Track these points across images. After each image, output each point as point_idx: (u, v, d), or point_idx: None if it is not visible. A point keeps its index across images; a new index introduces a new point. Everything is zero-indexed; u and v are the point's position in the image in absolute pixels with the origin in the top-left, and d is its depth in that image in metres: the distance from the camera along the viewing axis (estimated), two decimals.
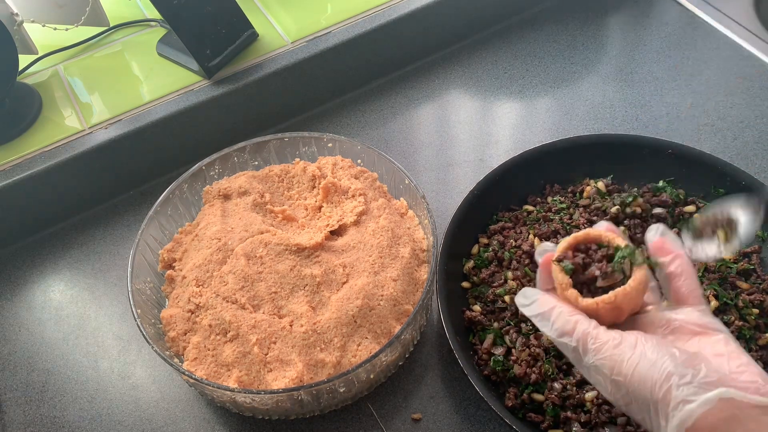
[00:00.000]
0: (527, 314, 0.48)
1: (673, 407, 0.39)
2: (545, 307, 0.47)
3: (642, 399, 0.41)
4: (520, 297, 0.49)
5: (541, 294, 0.48)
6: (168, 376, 0.73)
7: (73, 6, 0.93)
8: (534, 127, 0.91)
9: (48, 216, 0.87)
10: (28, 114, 0.88)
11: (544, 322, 0.47)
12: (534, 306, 0.48)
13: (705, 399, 0.39)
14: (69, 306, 0.80)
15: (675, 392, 0.39)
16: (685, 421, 0.39)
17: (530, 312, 0.48)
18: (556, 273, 0.48)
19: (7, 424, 0.71)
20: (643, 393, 0.41)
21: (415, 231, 0.75)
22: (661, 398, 0.40)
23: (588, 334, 0.44)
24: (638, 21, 1.01)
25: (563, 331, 0.45)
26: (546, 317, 0.46)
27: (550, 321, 0.46)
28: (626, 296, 0.45)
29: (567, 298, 0.47)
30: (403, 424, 0.67)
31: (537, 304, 0.48)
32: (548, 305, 0.47)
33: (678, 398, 0.39)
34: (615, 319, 0.46)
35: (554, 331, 0.46)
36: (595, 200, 0.75)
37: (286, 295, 0.68)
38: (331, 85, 0.96)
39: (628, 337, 0.43)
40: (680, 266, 0.47)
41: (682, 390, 0.39)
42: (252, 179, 0.78)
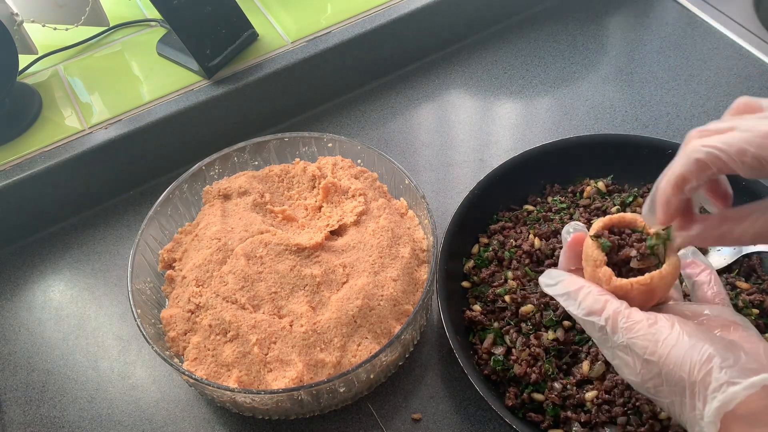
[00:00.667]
0: (552, 293, 0.47)
1: (714, 389, 0.38)
2: (572, 287, 0.46)
3: (676, 381, 0.40)
4: (544, 278, 0.48)
5: (568, 274, 0.48)
6: (168, 376, 0.73)
7: (73, 6, 0.93)
8: (534, 127, 0.91)
9: (48, 216, 0.87)
10: (28, 114, 0.88)
11: (570, 302, 0.46)
12: (560, 286, 0.47)
13: (751, 382, 0.38)
14: (69, 306, 0.80)
15: (717, 374, 0.38)
16: (727, 403, 0.38)
17: (556, 291, 0.47)
18: (592, 249, 0.47)
19: (7, 424, 0.71)
20: (679, 374, 0.40)
21: (415, 231, 0.75)
22: (700, 380, 0.39)
23: (619, 312, 0.43)
24: (638, 21, 1.02)
25: (592, 310, 0.44)
26: (573, 296, 0.46)
27: (578, 300, 0.45)
28: (662, 280, 0.45)
29: (598, 276, 0.46)
30: (403, 424, 0.67)
31: (563, 283, 0.47)
32: (576, 285, 0.46)
33: (721, 380, 0.38)
34: (643, 303, 0.46)
35: (582, 309, 0.45)
36: (595, 200, 0.75)
37: (286, 295, 0.68)
38: (331, 85, 0.96)
39: (663, 319, 0.42)
40: (709, 275, 0.48)
41: (726, 372, 0.38)
42: (252, 179, 0.78)
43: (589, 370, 0.62)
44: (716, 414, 0.38)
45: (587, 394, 0.61)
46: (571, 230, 0.51)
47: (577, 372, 0.63)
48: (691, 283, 0.49)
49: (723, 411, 0.38)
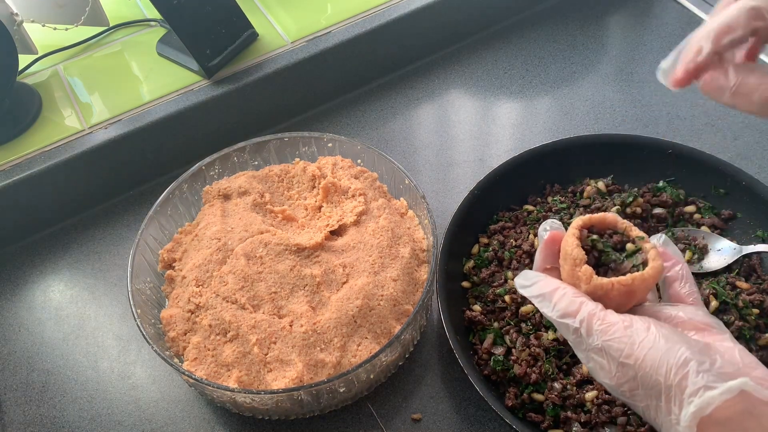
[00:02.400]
0: (527, 295, 0.47)
1: (691, 393, 0.38)
2: (547, 288, 0.45)
3: (652, 384, 0.39)
4: (519, 279, 0.48)
5: (543, 276, 0.47)
6: (168, 376, 0.73)
7: (73, 6, 0.93)
8: (534, 127, 0.91)
9: (48, 216, 0.87)
10: (28, 114, 0.88)
11: (545, 303, 0.45)
12: (535, 287, 0.46)
13: (728, 387, 0.37)
14: (69, 306, 0.80)
15: (694, 378, 0.38)
16: (704, 408, 0.37)
17: (531, 293, 0.46)
18: (572, 248, 0.46)
19: (7, 424, 0.71)
20: (655, 377, 0.39)
21: (415, 231, 0.75)
22: (676, 383, 0.38)
23: (594, 315, 0.42)
24: (638, 21, 1.01)
25: (566, 312, 0.44)
26: (548, 298, 0.45)
27: (552, 302, 0.45)
28: (643, 282, 0.44)
29: (577, 275, 0.45)
30: (403, 424, 0.67)
31: (538, 285, 0.46)
32: (551, 286, 0.45)
33: (698, 384, 0.37)
34: (621, 305, 0.45)
35: (556, 311, 0.44)
36: (595, 200, 0.75)
37: (286, 295, 0.68)
38: (331, 85, 0.96)
39: (639, 321, 0.42)
40: (681, 270, 0.47)
41: (702, 377, 0.38)
42: (252, 179, 0.78)
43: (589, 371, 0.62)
44: (693, 419, 0.37)
45: (587, 394, 0.61)
46: (548, 228, 0.50)
47: (577, 372, 0.63)
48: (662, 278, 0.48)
49: (699, 416, 0.37)
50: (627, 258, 0.46)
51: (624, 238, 0.48)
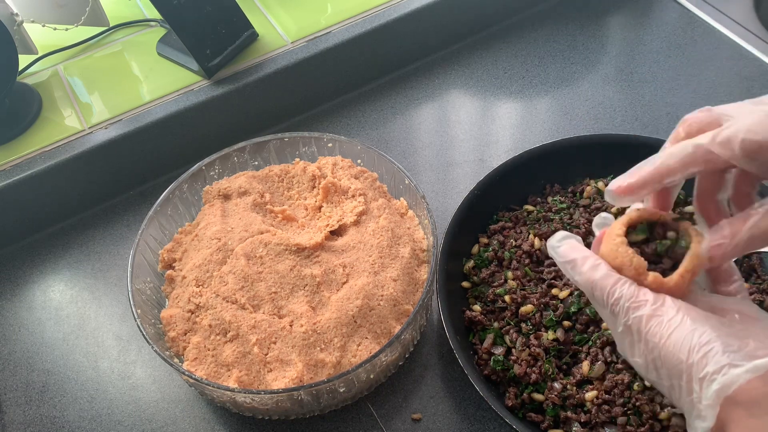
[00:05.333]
0: (559, 259, 0.45)
1: (714, 371, 0.37)
2: (579, 254, 0.44)
3: (674, 363, 0.39)
4: (555, 240, 0.46)
5: (575, 240, 0.46)
6: (168, 376, 0.73)
7: (73, 6, 0.93)
8: (534, 127, 0.91)
9: (48, 216, 0.87)
10: (27, 114, 0.88)
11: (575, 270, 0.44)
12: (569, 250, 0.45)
13: (754, 365, 0.36)
14: (69, 306, 0.80)
15: (719, 357, 0.37)
16: (728, 386, 0.36)
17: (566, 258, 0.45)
18: (630, 256, 0.43)
19: (7, 424, 0.71)
20: (678, 356, 0.38)
21: (415, 231, 0.75)
22: (697, 361, 0.37)
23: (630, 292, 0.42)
24: (638, 21, 1.01)
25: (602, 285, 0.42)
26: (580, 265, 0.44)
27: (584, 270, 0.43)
28: (699, 259, 0.43)
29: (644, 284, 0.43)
30: (403, 424, 0.67)
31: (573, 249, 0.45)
32: (583, 252, 0.44)
33: (722, 362, 0.37)
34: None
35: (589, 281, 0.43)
36: (595, 200, 0.75)
37: (286, 295, 0.68)
38: (331, 85, 0.96)
39: (670, 301, 0.41)
40: (729, 267, 0.46)
41: (728, 356, 0.37)
42: (252, 179, 0.78)
43: (589, 370, 0.62)
44: (715, 397, 0.36)
45: (587, 394, 0.61)
46: (599, 222, 0.48)
47: (577, 372, 0.63)
48: (710, 275, 0.46)
49: (723, 394, 0.36)
50: (676, 244, 0.45)
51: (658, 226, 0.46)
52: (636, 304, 0.41)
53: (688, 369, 0.38)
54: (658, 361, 0.40)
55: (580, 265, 0.44)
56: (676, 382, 0.39)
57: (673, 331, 0.39)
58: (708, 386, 0.37)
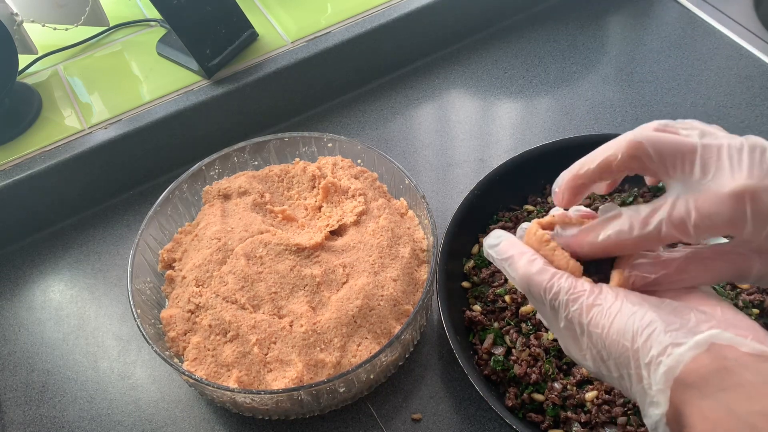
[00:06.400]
0: (494, 255, 0.44)
1: (659, 353, 0.35)
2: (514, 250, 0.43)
3: (620, 352, 0.37)
4: (492, 239, 0.45)
5: (509, 235, 0.45)
6: (168, 376, 0.73)
7: (73, 6, 0.93)
8: (534, 127, 0.91)
9: (48, 216, 0.87)
10: (27, 114, 0.88)
11: (511, 268, 0.43)
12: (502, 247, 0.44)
13: (695, 341, 0.34)
14: (69, 306, 0.80)
15: (661, 337, 0.35)
16: (674, 367, 0.34)
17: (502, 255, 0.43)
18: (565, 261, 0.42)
19: (7, 424, 0.71)
20: (622, 344, 0.37)
21: (415, 231, 0.75)
22: (641, 345, 0.36)
23: (567, 285, 0.40)
24: (638, 21, 1.01)
25: (538, 281, 0.41)
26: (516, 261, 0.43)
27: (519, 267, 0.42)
28: None
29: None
30: (403, 424, 0.67)
31: (506, 244, 0.44)
32: (518, 248, 0.43)
33: (664, 342, 0.35)
34: None
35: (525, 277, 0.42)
36: (595, 200, 0.75)
37: (286, 295, 0.68)
38: (331, 85, 0.96)
39: (607, 288, 0.40)
40: None
41: (670, 335, 0.35)
42: (252, 179, 0.78)
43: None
44: (664, 380, 0.35)
45: (587, 395, 0.61)
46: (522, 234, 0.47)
47: (577, 372, 0.63)
48: None
49: (671, 376, 0.35)
50: None
51: None
52: (574, 295, 0.40)
53: (634, 355, 0.37)
54: (604, 352, 0.38)
55: (516, 261, 0.43)
56: (625, 371, 0.38)
57: (614, 319, 0.38)
58: (655, 370, 0.35)
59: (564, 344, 0.43)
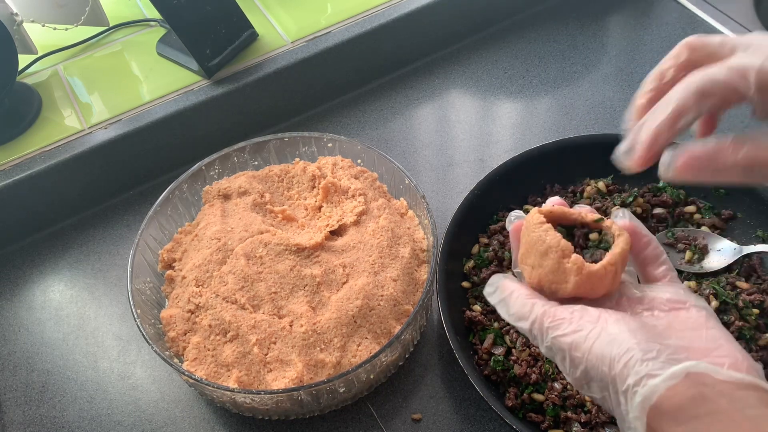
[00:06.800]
0: (492, 302, 0.45)
1: (634, 383, 0.36)
2: (506, 292, 0.44)
3: (600, 376, 0.38)
4: (487, 287, 0.46)
5: (502, 277, 0.46)
6: (168, 376, 0.73)
7: (73, 6, 0.93)
8: (534, 127, 0.91)
9: (48, 216, 0.87)
10: (27, 114, 0.88)
11: (503, 308, 0.44)
12: (497, 293, 0.45)
13: (671, 373, 0.35)
14: (69, 306, 0.80)
15: (638, 367, 0.36)
16: (648, 398, 0.35)
17: (494, 300, 0.45)
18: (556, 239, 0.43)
19: (7, 424, 0.71)
20: (602, 369, 0.38)
21: (415, 231, 0.75)
22: (618, 372, 0.37)
23: (544, 313, 0.41)
24: (638, 21, 1.01)
25: (519, 315, 0.43)
26: (506, 302, 0.44)
27: (509, 305, 0.43)
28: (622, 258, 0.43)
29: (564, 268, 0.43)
30: (403, 424, 0.67)
31: (499, 290, 0.45)
32: (508, 289, 0.44)
33: (641, 373, 0.36)
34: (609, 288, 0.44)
35: (512, 316, 0.43)
36: (595, 200, 0.75)
37: (286, 295, 0.68)
38: (331, 85, 0.96)
39: (589, 311, 0.40)
40: (653, 251, 0.45)
41: (647, 365, 0.36)
42: (252, 179, 0.78)
43: None
44: (639, 409, 0.35)
45: None
46: (512, 219, 0.48)
47: None
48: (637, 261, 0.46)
49: (646, 406, 0.35)
50: (599, 245, 0.45)
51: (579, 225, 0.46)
52: (555, 322, 0.41)
53: (612, 381, 0.37)
54: (586, 376, 0.39)
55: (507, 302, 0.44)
56: (607, 393, 0.38)
57: (593, 344, 0.39)
58: (632, 399, 0.36)
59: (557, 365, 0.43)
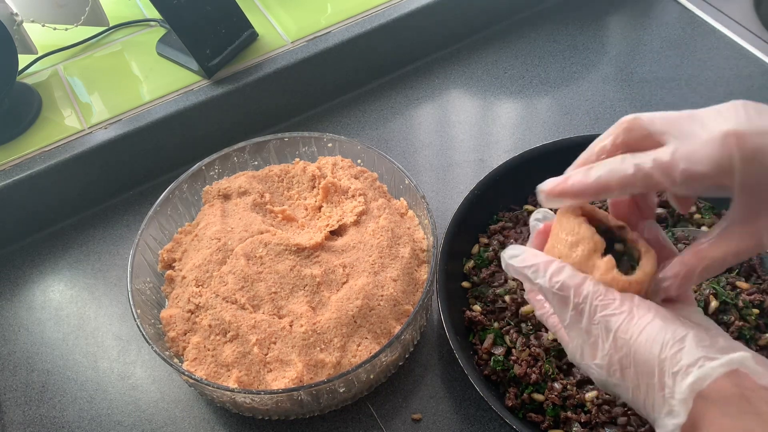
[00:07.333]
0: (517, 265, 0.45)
1: (689, 363, 0.36)
2: (540, 259, 0.44)
3: (645, 359, 0.38)
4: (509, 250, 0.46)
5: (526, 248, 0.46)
6: (168, 376, 0.73)
7: (73, 6, 0.93)
8: (534, 127, 0.91)
9: (48, 216, 0.87)
10: (27, 114, 0.88)
11: (538, 274, 0.43)
12: (526, 256, 0.45)
13: (729, 359, 0.35)
14: (69, 306, 0.80)
15: (694, 350, 0.36)
16: (702, 379, 0.35)
17: (522, 263, 0.44)
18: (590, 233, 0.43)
19: (7, 424, 0.71)
20: (650, 352, 0.38)
21: (415, 231, 0.75)
22: (670, 355, 0.37)
23: (597, 290, 0.41)
24: (638, 21, 1.01)
25: (567, 285, 0.42)
26: (543, 269, 0.43)
27: (548, 274, 0.43)
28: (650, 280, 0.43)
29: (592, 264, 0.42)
30: (403, 424, 0.67)
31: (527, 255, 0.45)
32: (544, 258, 0.44)
33: (697, 355, 0.36)
34: None
35: (555, 283, 0.42)
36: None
37: (286, 296, 0.68)
38: (331, 85, 0.96)
39: (639, 299, 0.41)
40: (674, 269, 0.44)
41: (702, 349, 0.36)
42: (252, 179, 0.78)
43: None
44: (689, 390, 0.36)
45: (587, 395, 0.61)
46: (540, 217, 0.48)
47: (577, 372, 0.63)
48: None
49: (697, 388, 0.36)
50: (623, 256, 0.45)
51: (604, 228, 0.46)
52: (605, 302, 0.41)
53: (660, 364, 0.37)
54: (626, 360, 0.39)
55: (543, 269, 0.43)
56: (644, 380, 0.38)
57: (645, 327, 0.39)
58: (682, 379, 0.36)
59: (574, 348, 0.43)
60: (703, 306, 0.64)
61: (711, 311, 0.64)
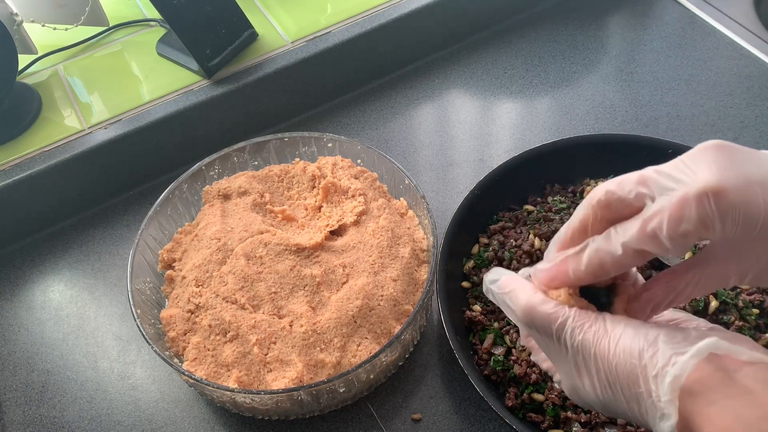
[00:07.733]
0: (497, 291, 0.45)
1: (664, 364, 0.36)
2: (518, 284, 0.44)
3: (628, 371, 0.38)
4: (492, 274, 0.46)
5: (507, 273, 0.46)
6: (168, 376, 0.73)
7: (73, 6, 0.93)
8: (534, 127, 0.91)
9: (48, 216, 0.87)
10: (27, 114, 0.88)
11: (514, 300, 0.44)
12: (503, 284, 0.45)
13: (697, 348, 0.36)
14: (69, 306, 0.80)
15: (666, 349, 0.37)
16: (678, 376, 0.36)
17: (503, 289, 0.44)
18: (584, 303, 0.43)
19: (6, 424, 0.71)
20: (630, 362, 0.38)
21: (415, 231, 0.75)
22: (649, 360, 0.37)
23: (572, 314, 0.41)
24: (638, 21, 1.01)
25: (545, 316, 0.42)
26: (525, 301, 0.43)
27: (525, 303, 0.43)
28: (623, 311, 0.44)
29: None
30: (403, 424, 0.67)
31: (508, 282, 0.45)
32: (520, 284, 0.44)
33: (668, 353, 0.37)
34: None
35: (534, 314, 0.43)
36: None
37: (286, 295, 0.68)
38: (331, 85, 0.96)
39: (607, 315, 0.41)
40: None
41: (671, 346, 0.37)
42: (252, 179, 0.78)
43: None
44: (671, 390, 0.36)
45: None
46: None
47: None
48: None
49: (677, 386, 0.36)
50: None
51: None
52: (580, 322, 0.41)
53: (642, 371, 0.38)
54: (611, 376, 0.40)
55: (518, 293, 0.44)
56: (634, 391, 0.38)
57: (619, 340, 0.39)
58: (662, 381, 0.36)
59: (570, 382, 0.43)
60: (703, 306, 0.64)
61: (711, 311, 0.64)
